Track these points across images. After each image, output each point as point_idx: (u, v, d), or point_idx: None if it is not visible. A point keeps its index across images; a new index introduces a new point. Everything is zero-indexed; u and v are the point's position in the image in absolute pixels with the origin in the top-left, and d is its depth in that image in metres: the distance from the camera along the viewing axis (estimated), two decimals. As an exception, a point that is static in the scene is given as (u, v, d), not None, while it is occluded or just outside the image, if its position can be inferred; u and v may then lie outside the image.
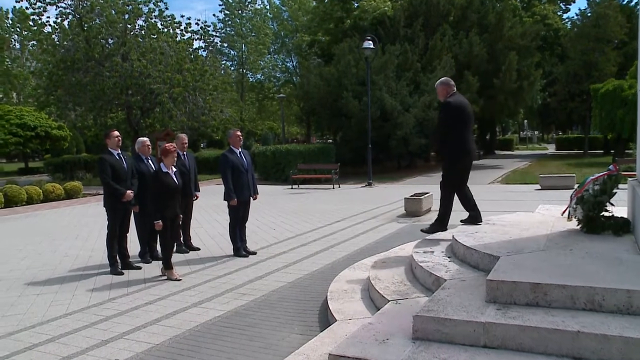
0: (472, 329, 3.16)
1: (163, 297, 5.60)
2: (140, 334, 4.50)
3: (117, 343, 4.32)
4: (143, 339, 4.38)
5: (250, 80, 44.84)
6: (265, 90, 44.46)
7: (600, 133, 30.09)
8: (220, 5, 42.06)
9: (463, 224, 5.72)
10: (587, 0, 34.82)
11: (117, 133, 6.83)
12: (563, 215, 5.20)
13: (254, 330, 4.50)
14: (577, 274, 3.49)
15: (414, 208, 10.79)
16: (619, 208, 5.04)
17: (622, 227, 4.70)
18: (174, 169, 6.39)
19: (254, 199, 7.60)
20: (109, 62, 22.49)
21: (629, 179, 5.52)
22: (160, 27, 24.54)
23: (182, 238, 7.86)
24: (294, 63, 42.80)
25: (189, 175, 7.62)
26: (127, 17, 23.57)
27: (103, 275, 6.63)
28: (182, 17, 37.44)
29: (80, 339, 4.43)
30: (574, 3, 59.76)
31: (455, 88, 5.79)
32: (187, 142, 7.93)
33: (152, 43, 23.38)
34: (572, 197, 4.91)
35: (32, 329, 4.73)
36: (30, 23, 25.64)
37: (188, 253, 7.80)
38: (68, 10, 23.28)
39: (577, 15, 38.58)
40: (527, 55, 28.59)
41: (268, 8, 44.88)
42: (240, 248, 7.50)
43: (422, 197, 10.96)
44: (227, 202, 7.28)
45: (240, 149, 7.44)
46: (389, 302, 4.23)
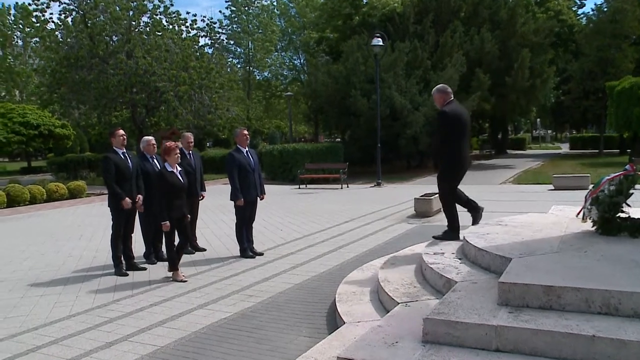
0: (483, 333, 3.12)
1: (168, 298, 5.56)
2: (145, 336, 4.47)
3: (121, 345, 4.28)
4: (148, 341, 4.34)
5: (257, 78, 44.74)
6: (272, 89, 44.29)
7: (616, 132, 29.65)
8: (227, 2, 41.74)
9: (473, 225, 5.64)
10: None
11: (122, 132, 6.79)
12: (578, 217, 5.10)
13: (261, 333, 4.45)
14: (592, 277, 3.44)
15: (424, 208, 10.67)
16: (636, 209, 4.93)
17: (639, 228, 4.59)
18: (179, 168, 6.33)
19: (261, 199, 7.55)
20: (113, 59, 22.42)
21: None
22: (166, 23, 24.48)
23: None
24: (302, 60, 42.63)
25: (195, 175, 7.58)
26: (131, 13, 23.46)
27: (107, 276, 6.60)
28: (187, 13, 37.57)
29: (84, 341, 4.40)
30: (590, -2, 58.72)
31: (453, 95, 5.78)
32: (192, 141, 7.88)
33: (157, 40, 23.31)
34: (587, 197, 4.83)
35: (35, 331, 4.70)
36: (33, 19, 25.72)
37: (194, 254, 7.74)
38: (71, 7, 23.26)
39: (592, 11, 38.01)
40: (540, 52, 28.18)
41: (275, 4, 44.57)
42: (247, 249, 7.45)
43: (432, 197, 10.78)
44: (233, 202, 7.24)
45: (247, 148, 7.39)
46: (399, 304, 4.17)
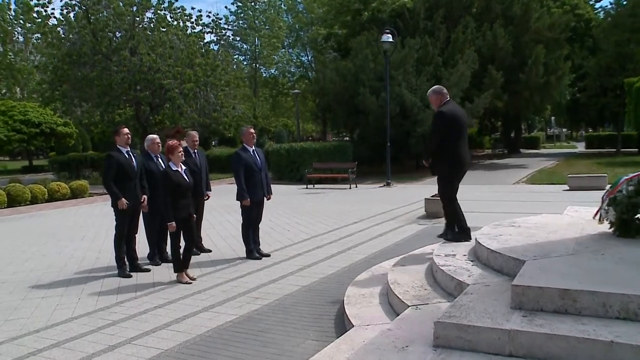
0: (496, 337, 3.08)
1: (173, 300, 5.49)
2: (149, 339, 4.41)
3: (124, 348, 4.22)
4: (152, 345, 4.28)
5: (264, 76, 44.41)
6: (279, 86, 43.93)
7: (635, 130, 29.13)
8: (233, -3, 41.40)
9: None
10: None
11: (126, 130, 6.73)
12: (594, 218, 5.00)
13: (268, 336, 4.39)
14: (609, 280, 3.37)
15: (435, 209, 10.47)
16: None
17: (658, 230, 4.50)
18: (184, 167, 6.25)
19: (268, 199, 7.48)
20: (117, 56, 22.25)
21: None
22: (170, 19, 24.20)
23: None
24: (309, 57, 42.01)
25: (200, 174, 7.52)
26: (135, 9, 23.22)
27: (110, 278, 6.53)
28: (192, 9, 37.15)
29: (86, 344, 4.34)
30: (608, -9, 57.76)
31: (449, 96, 5.76)
32: (198, 139, 7.79)
33: (161, 36, 23.09)
34: (604, 198, 4.76)
35: (36, 334, 4.64)
36: (35, 15, 25.57)
37: (199, 255, 7.65)
38: (74, 2, 22.96)
39: (611, 4, 36.52)
40: (555, 48, 27.70)
41: (282, 0, 44.19)
42: (254, 250, 7.37)
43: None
44: (239, 202, 7.16)
45: (254, 147, 7.31)
46: (409, 307, 4.13)
